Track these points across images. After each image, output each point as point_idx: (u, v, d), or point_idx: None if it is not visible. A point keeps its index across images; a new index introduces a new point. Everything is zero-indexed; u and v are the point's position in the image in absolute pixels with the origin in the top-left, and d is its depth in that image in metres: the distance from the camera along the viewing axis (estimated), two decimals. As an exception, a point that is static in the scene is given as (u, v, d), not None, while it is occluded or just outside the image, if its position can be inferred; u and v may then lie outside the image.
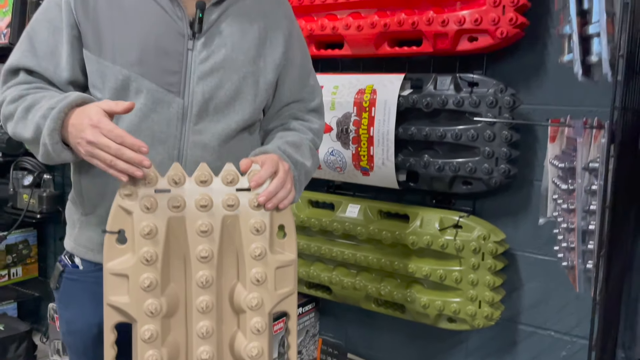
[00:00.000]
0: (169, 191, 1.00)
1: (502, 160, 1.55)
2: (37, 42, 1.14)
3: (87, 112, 0.99)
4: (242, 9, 1.20)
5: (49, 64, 1.14)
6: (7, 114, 1.12)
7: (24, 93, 1.11)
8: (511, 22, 1.48)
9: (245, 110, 1.19)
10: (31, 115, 1.06)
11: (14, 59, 1.15)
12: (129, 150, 0.96)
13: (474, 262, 1.58)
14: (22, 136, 1.09)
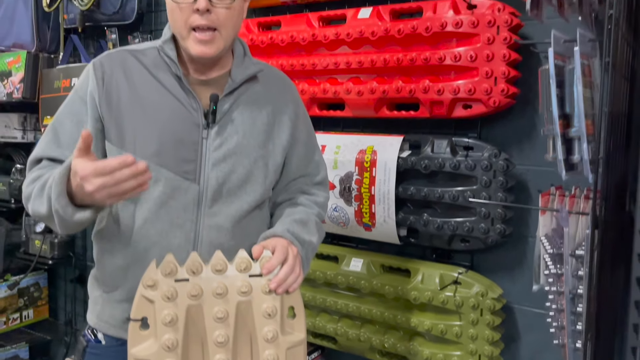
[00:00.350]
0: (188, 280, 1.08)
1: (498, 220, 1.63)
2: (62, 134, 1.23)
3: (73, 172, 1.03)
4: (251, 97, 1.29)
5: (71, 153, 1.22)
6: (27, 195, 1.19)
7: (41, 173, 1.19)
8: (503, 92, 1.57)
9: (256, 191, 1.28)
10: (44, 191, 1.12)
11: (39, 150, 1.24)
12: (122, 172, 0.99)
13: (473, 318, 1.65)
14: (39, 212, 1.14)
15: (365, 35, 1.75)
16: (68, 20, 2.62)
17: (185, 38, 1.19)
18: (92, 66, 1.25)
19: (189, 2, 1.15)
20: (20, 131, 2.82)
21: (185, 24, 1.18)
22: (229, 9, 1.18)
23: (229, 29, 1.21)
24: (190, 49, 1.19)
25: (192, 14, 1.16)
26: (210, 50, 1.19)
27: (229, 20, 1.20)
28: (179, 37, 1.22)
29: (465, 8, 1.60)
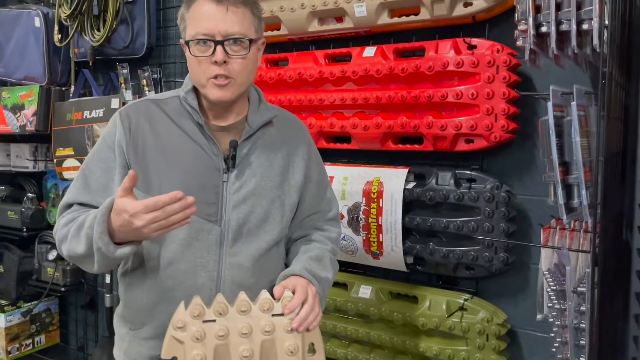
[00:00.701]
0: (215, 321, 1.15)
1: (501, 249, 1.70)
2: (91, 180, 1.30)
3: (118, 209, 1.11)
4: (267, 140, 1.37)
5: (101, 198, 1.29)
6: (62, 237, 1.27)
7: (75, 216, 1.27)
8: (503, 128, 1.65)
9: (274, 230, 1.35)
10: (82, 231, 1.20)
11: (70, 195, 1.31)
12: (173, 206, 1.08)
13: (479, 343, 1.72)
14: (75, 252, 1.22)
15: (371, 73, 1.84)
16: (78, 54, 2.70)
17: (205, 86, 1.28)
18: (119, 116, 1.33)
19: (208, 56, 1.24)
20: (32, 161, 2.89)
21: (204, 75, 1.26)
22: (244, 59, 1.27)
23: (244, 77, 1.30)
24: (210, 94, 1.28)
25: (210, 65, 1.25)
26: (227, 95, 1.28)
27: (244, 70, 1.28)
28: (199, 86, 1.30)
29: (465, 48, 1.69)
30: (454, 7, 1.70)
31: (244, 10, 1.27)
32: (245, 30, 1.26)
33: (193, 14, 1.27)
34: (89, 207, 1.30)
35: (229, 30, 1.24)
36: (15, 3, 2.96)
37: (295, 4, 1.96)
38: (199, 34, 1.24)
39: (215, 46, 1.23)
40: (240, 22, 1.25)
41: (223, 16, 1.24)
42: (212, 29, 1.23)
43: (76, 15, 2.50)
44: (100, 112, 2.48)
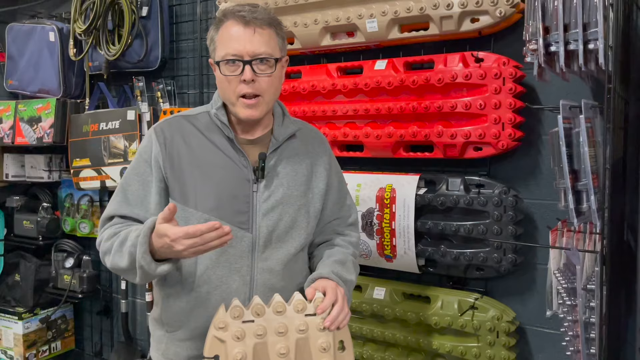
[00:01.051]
0: (253, 321, 1.24)
1: (510, 251, 1.80)
2: (130, 194, 1.39)
3: (160, 233, 1.21)
4: (292, 152, 1.47)
5: (140, 210, 1.38)
6: (105, 250, 1.36)
7: (117, 230, 1.36)
8: (510, 136, 1.75)
9: (301, 236, 1.45)
10: (125, 247, 1.29)
11: (111, 209, 1.40)
12: (210, 234, 1.18)
13: (490, 340, 1.82)
14: (119, 266, 1.32)
15: (382, 85, 1.93)
16: (92, 67, 2.78)
17: (235, 104, 1.37)
18: (154, 132, 1.42)
19: (237, 75, 1.33)
20: (47, 172, 2.97)
21: (234, 93, 1.35)
22: (270, 77, 1.36)
23: (271, 94, 1.39)
24: (239, 113, 1.37)
25: (239, 83, 1.34)
26: (256, 113, 1.37)
27: (271, 87, 1.38)
28: (228, 103, 1.39)
29: (473, 62, 1.79)
30: (462, 22, 1.80)
31: (270, 31, 1.36)
32: (271, 50, 1.35)
33: (222, 35, 1.36)
34: (129, 219, 1.39)
35: (256, 51, 1.33)
36: (28, 18, 3.03)
37: (308, 20, 2.06)
38: (228, 55, 1.33)
39: (243, 66, 1.32)
40: (266, 42, 1.34)
41: (250, 37, 1.33)
42: (241, 50, 1.32)
43: (91, 30, 2.59)
44: (117, 123, 2.56)
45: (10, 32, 2.99)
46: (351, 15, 1.97)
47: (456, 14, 1.78)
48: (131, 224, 1.37)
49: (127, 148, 2.54)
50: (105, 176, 2.60)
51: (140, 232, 1.25)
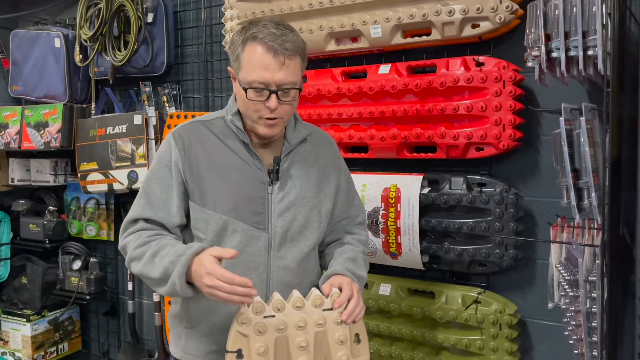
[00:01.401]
0: (274, 316, 1.30)
1: (511, 247, 1.88)
2: (153, 197, 1.45)
3: (202, 261, 1.28)
4: (304, 155, 1.53)
5: (163, 213, 1.44)
6: (134, 257, 1.41)
7: (147, 240, 1.41)
8: (510, 137, 1.83)
9: (313, 235, 1.51)
10: (158, 259, 1.35)
11: (136, 212, 1.45)
12: (240, 288, 1.25)
13: (493, 332, 1.90)
14: (148, 275, 1.37)
15: (386, 89, 2.01)
16: (98, 73, 2.83)
17: (256, 122, 1.42)
18: (173, 138, 1.47)
19: (262, 100, 1.38)
20: (52, 175, 3.01)
21: (256, 114, 1.40)
22: (291, 104, 1.42)
23: (289, 116, 1.46)
24: (259, 130, 1.43)
25: (262, 106, 1.38)
26: (275, 132, 1.44)
27: (291, 111, 1.44)
28: (248, 120, 1.44)
29: (474, 66, 1.87)
30: (463, 28, 1.87)
31: (297, 60, 1.38)
32: (296, 79, 1.39)
33: (250, 58, 1.36)
34: (152, 222, 1.44)
35: (284, 81, 1.36)
36: (32, 24, 3.08)
37: (314, 26, 2.12)
38: (256, 82, 1.35)
39: (269, 94, 1.36)
40: (292, 72, 1.38)
41: (279, 67, 1.35)
42: (269, 80, 1.35)
43: (97, 36, 2.64)
44: (124, 127, 2.61)
45: (15, 39, 3.03)
46: (355, 21, 2.04)
47: (457, 20, 1.86)
48: (160, 233, 1.42)
49: (134, 152, 2.59)
50: (113, 179, 2.65)
51: (182, 251, 1.31)
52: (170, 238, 1.42)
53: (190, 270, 1.30)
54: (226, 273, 1.25)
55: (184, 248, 1.34)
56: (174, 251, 1.34)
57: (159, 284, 1.37)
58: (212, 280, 1.25)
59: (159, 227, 1.45)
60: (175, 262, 1.31)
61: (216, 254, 1.29)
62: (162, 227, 1.45)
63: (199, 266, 1.28)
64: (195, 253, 1.31)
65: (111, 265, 3.08)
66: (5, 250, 3.05)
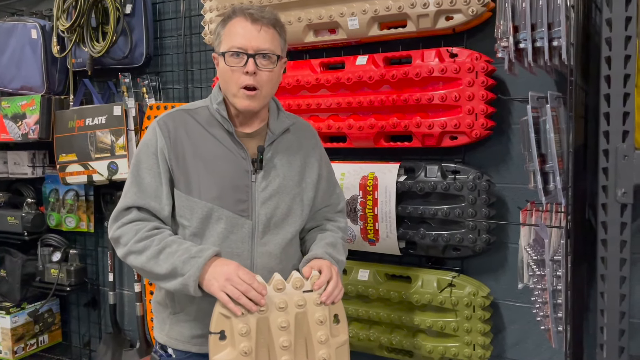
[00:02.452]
0: (255, 298, 1.35)
1: (483, 231, 1.95)
2: (144, 186, 1.47)
3: (229, 262, 1.36)
4: (286, 145, 1.58)
5: (155, 202, 1.47)
6: (134, 250, 1.43)
7: (149, 234, 1.43)
8: (483, 126, 1.90)
9: (296, 222, 1.56)
10: (164, 256, 1.38)
11: (129, 200, 1.47)
12: (254, 291, 1.32)
13: (467, 314, 1.97)
14: (151, 270, 1.40)
15: (364, 80, 2.06)
16: (76, 64, 2.83)
17: (236, 94, 1.47)
18: (158, 125, 1.50)
19: (240, 66, 1.43)
20: (30, 167, 3.00)
21: (236, 83, 1.45)
22: (271, 72, 1.47)
23: (269, 89, 1.50)
24: (238, 103, 1.47)
25: (241, 75, 1.44)
26: (254, 104, 1.47)
27: (270, 82, 1.48)
28: (229, 94, 1.48)
29: (448, 57, 1.93)
30: (437, 20, 1.93)
31: (274, 31, 1.47)
32: (274, 47, 1.46)
33: (229, 30, 1.46)
34: (146, 211, 1.47)
35: (261, 46, 1.43)
36: (8, 15, 3.05)
37: (292, 18, 2.16)
38: (234, 47, 1.43)
39: (247, 58, 1.43)
40: (270, 40, 1.45)
41: (256, 34, 1.44)
42: (246, 44, 1.43)
43: (75, 27, 2.63)
44: (103, 119, 2.62)
45: (-10, 30, 3.00)
46: (333, 13, 2.09)
47: (432, 13, 1.91)
48: (158, 227, 1.46)
49: (114, 143, 2.60)
50: (93, 170, 2.66)
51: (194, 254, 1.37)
52: (170, 233, 1.46)
53: (205, 269, 1.35)
54: (249, 274, 1.34)
55: (196, 250, 1.38)
56: (183, 250, 1.38)
57: (164, 279, 1.40)
58: (234, 274, 1.32)
59: (153, 217, 1.47)
60: (187, 262, 1.36)
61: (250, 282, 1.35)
62: (155, 217, 1.48)
63: (227, 265, 1.35)
64: (209, 257, 1.37)
65: (91, 256, 3.09)
66: (-18, 243, 3.04)
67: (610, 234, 1.25)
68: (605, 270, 1.26)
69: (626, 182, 1.24)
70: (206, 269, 1.35)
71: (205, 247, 1.40)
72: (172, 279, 1.38)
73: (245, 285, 1.31)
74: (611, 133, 1.24)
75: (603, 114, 1.24)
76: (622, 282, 1.25)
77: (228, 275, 1.32)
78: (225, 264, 1.36)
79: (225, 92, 1.51)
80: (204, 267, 1.35)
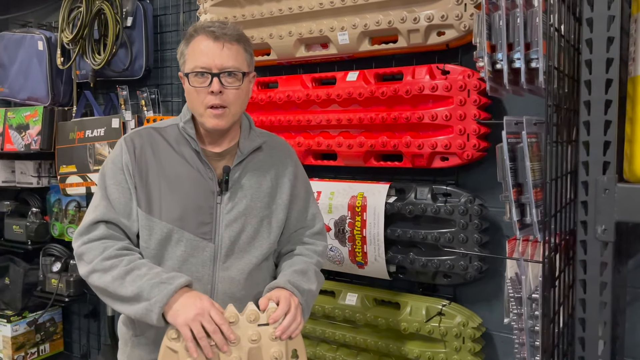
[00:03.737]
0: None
1: (475, 259, 1.84)
2: (113, 201, 1.43)
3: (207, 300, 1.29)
4: (257, 164, 1.51)
5: (123, 217, 1.42)
6: (99, 268, 1.36)
7: (118, 254, 1.37)
8: (475, 147, 1.79)
9: (263, 246, 1.49)
10: (130, 277, 1.32)
11: (98, 214, 1.42)
12: (220, 335, 1.25)
13: (456, 345, 1.86)
14: (115, 292, 1.33)
15: (354, 96, 1.98)
16: (80, 76, 2.84)
17: (203, 115, 1.42)
18: (124, 142, 1.47)
19: (205, 86, 1.38)
20: (36, 177, 3.03)
21: (202, 104, 1.40)
22: (237, 89, 1.41)
23: (237, 106, 1.44)
24: (207, 123, 1.42)
25: (207, 95, 1.39)
26: (222, 123, 1.42)
27: (237, 99, 1.43)
28: (197, 115, 1.44)
29: (440, 74, 1.83)
30: (429, 35, 1.84)
31: (238, 47, 1.42)
32: (239, 64, 1.41)
33: (192, 49, 1.42)
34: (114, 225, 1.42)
35: (225, 64, 1.38)
36: (19, 27, 3.10)
37: (283, 32, 2.10)
38: (198, 67, 1.39)
39: (212, 78, 1.38)
40: (234, 57, 1.40)
41: (219, 52, 1.39)
42: (209, 63, 1.38)
43: (78, 39, 2.64)
44: (102, 131, 2.62)
45: (2, 41, 3.05)
46: (324, 27, 2.02)
47: (423, 28, 1.82)
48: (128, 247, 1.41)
49: (111, 155, 2.59)
50: (91, 182, 2.65)
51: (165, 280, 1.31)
52: (140, 256, 1.40)
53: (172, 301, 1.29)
54: (222, 315, 1.28)
55: (167, 276, 1.32)
56: (153, 274, 1.32)
57: (126, 302, 1.33)
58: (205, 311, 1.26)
59: (122, 234, 1.43)
60: (155, 287, 1.30)
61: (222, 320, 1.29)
62: (124, 234, 1.43)
63: (199, 298, 1.29)
64: (180, 286, 1.30)
65: (93, 267, 3.08)
66: (-11, 250, 3.08)
67: (589, 273, 1.14)
68: (584, 314, 1.14)
69: (607, 219, 1.12)
70: (175, 298, 1.29)
71: (177, 274, 1.34)
72: (136, 303, 1.31)
73: (213, 326, 1.24)
74: (591, 164, 1.13)
75: (582, 142, 1.13)
76: (603, 327, 1.13)
77: (200, 311, 1.25)
78: (198, 297, 1.29)
79: (193, 112, 1.46)
80: (173, 295, 1.29)
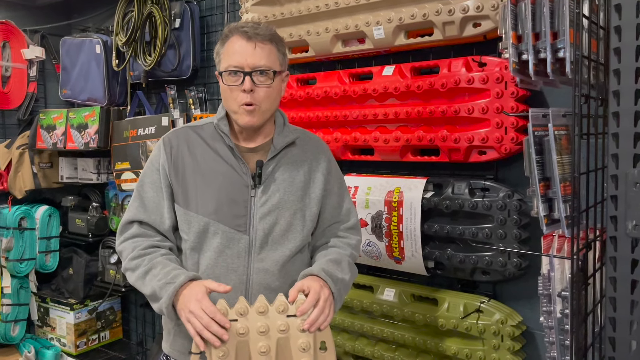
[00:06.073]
0: (237, 320, 1.33)
1: (514, 255, 1.79)
2: (146, 200, 1.52)
3: (195, 290, 1.33)
4: (290, 159, 1.55)
5: (155, 216, 1.51)
6: (128, 267, 1.48)
7: (142, 253, 1.46)
8: (513, 140, 1.74)
9: (296, 239, 1.52)
10: (148, 278, 1.41)
11: (130, 215, 1.53)
12: (216, 325, 1.29)
13: (494, 343, 1.82)
14: (140, 289, 1.45)
15: (390, 91, 1.97)
16: (133, 77, 2.98)
17: (237, 112, 1.47)
18: (162, 142, 1.55)
19: (237, 85, 1.43)
20: (95, 174, 3.20)
21: (235, 101, 1.46)
22: (268, 88, 1.45)
23: (268, 104, 1.48)
24: (239, 120, 1.47)
25: (240, 93, 1.44)
26: (254, 120, 1.46)
27: (268, 97, 1.46)
28: (231, 112, 1.49)
29: (476, 66, 1.80)
30: (464, 27, 1.81)
31: (270, 46, 1.46)
32: (271, 63, 1.45)
33: (227, 49, 1.47)
34: (146, 225, 1.51)
35: (256, 63, 1.43)
36: (79, 32, 3.28)
37: (320, 29, 2.12)
38: (231, 66, 1.44)
39: (244, 76, 1.42)
40: (266, 56, 1.44)
41: (252, 51, 1.43)
42: (242, 62, 1.43)
43: (131, 42, 2.77)
44: (152, 129, 2.73)
45: (64, 45, 3.24)
46: (359, 22, 2.02)
47: (458, 19, 1.79)
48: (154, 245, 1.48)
49: (161, 152, 2.70)
50: (143, 178, 2.78)
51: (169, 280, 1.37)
52: (163, 253, 1.47)
53: (179, 295, 1.36)
54: (213, 307, 1.30)
55: (172, 275, 1.38)
56: (163, 274, 1.40)
57: (150, 300, 1.44)
58: (196, 307, 1.30)
59: (153, 231, 1.51)
60: (163, 288, 1.37)
61: (211, 287, 1.33)
62: (156, 231, 1.51)
63: (190, 293, 1.34)
64: (181, 284, 1.36)
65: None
66: (55, 242, 3.29)
67: (619, 271, 1.09)
68: (614, 313, 1.10)
69: (637, 214, 1.07)
70: (178, 296, 1.35)
71: (180, 272, 1.39)
72: (155, 302, 1.40)
73: (206, 319, 1.29)
74: (620, 156, 1.08)
75: (612, 134, 1.08)
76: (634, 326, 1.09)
77: (191, 307, 1.30)
78: (191, 292, 1.33)
79: (227, 109, 1.52)
80: (175, 294, 1.35)
